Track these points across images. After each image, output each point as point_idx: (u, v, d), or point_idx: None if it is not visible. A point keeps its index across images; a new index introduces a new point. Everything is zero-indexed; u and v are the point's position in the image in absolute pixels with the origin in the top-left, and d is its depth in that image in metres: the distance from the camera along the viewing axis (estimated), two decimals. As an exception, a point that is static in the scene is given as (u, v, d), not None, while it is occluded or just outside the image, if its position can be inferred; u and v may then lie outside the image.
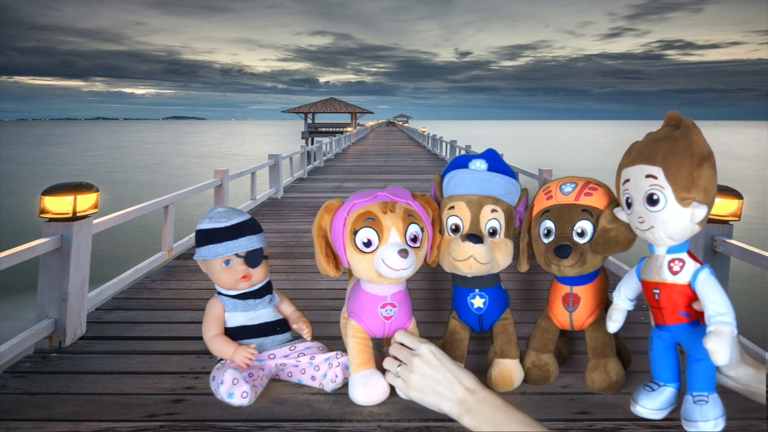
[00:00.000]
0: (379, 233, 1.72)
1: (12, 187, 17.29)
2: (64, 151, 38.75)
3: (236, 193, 9.27)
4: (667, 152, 1.44)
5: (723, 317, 1.39)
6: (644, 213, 1.49)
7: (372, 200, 1.78)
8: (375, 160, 14.31)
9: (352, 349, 1.86)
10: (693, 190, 1.41)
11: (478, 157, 1.93)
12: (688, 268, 1.50)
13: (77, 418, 1.74)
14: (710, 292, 1.44)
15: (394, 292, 1.85)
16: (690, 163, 1.41)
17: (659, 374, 1.64)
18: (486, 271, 1.84)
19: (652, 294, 1.57)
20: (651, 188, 1.46)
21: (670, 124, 1.51)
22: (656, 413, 1.61)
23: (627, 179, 1.55)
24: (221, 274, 1.95)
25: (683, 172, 1.42)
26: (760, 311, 5.81)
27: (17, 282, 5.38)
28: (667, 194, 1.44)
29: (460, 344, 1.95)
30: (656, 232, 1.50)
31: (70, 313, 2.40)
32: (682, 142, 1.43)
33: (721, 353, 1.33)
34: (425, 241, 1.81)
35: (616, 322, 1.73)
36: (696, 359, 1.49)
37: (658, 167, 1.44)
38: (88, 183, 2.56)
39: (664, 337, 1.60)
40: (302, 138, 40.31)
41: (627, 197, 1.55)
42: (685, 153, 1.42)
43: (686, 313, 1.52)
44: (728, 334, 1.36)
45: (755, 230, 10.24)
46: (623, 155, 1.59)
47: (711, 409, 1.45)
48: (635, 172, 1.51)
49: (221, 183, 5.15)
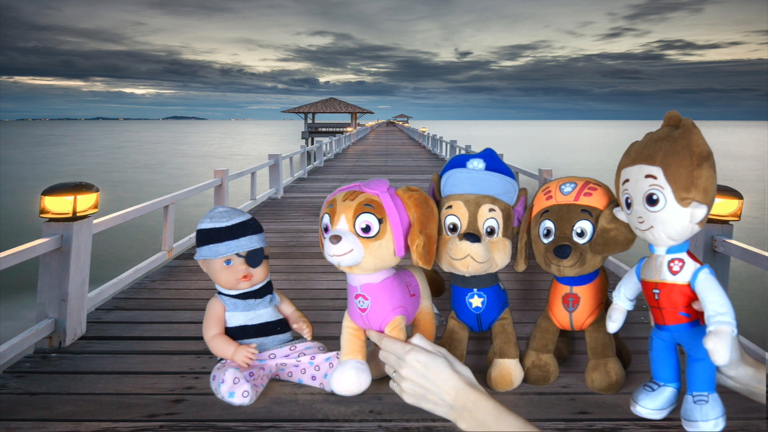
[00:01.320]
0: (332, 220, 1.70)
1: (12, 187, 17.29)
2: (64, 151, 38.77)
3: (236, 193, 9.27)
4: (667, 152, 1.43)
5: (723, 317, 1.39)
6: (644, 213, 1.49)
7: (345, 189, 1.76)
8: (375, 160, 14.32)
9: (341, 339, 1.86)
10: (693, 190, 1.41)
11: (475, 157, 1.93)
12: (688, 267, 1.50)
13: (77, 418, 1.74)
14: (710, 292, 1.44)
15: (365, 283, 1.78)
16: (690, 162, 1.41)
17: (659, 374, 1.64)
18: (483, 270, 1.84)
19: (651, 294, 1.57)
20: (651, 188, 1.45)
21: (669, 124, 1.50)
22: (656, 413, 1.60)
23: (626, 179, 1.54)
24: (222, 274, 1.95)
25: (683, 171, 1.41)
26: (760, 311, 5.81)
27: (17, 282, 5.38)
28: (667, 194, 1.43)
29: (459, 344, 1.95)
30: (656, 232, 1.49)
31: (70, 313, 2.40)
32: (682, 141, 1.43)
33: (721, 353, 1.33)
34: (384, 233, 1.71)
35: (616, 322, 1.73)
36: (696, 359, 1.49)
37: (658, 167, 1.44)
38: (88, 183, 2.56)
39: (664, 337, 1.60)
40: (302, 138, 40.31)
41: (626, 197, 1.54)
42: (685, 153, 1.42)
43: (686, 313, 1.52)
44: (728, 334, 1.35)
45: (755, 230, 10.24)
46: (623, 155, 1.58)
47: (711, 409, 1.45)
48: (635, 172, 1.50)
49: (221, 183, 5.15)
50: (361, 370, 1.78)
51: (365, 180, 1.80)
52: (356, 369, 1.78)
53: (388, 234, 1.72)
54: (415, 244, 1.75)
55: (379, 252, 1.71)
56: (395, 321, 1.78)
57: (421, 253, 1.76)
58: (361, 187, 1.76)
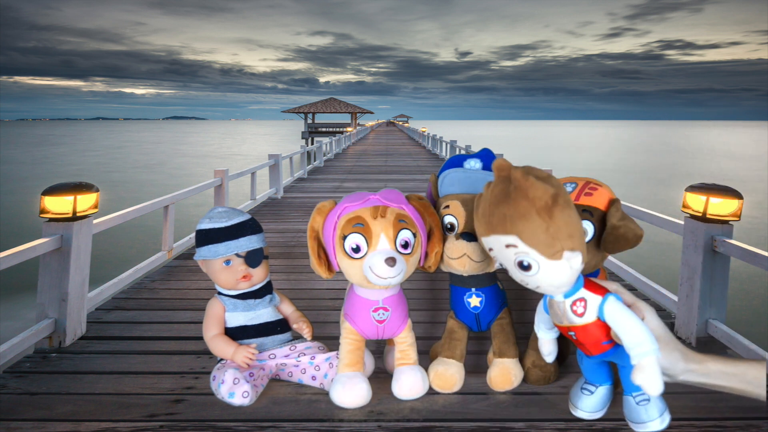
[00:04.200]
0: (368, 239, 1.69)
1: (12, 187, 17.29)
2: (64, 151, 38.76)
3: (236, 193, 9.28)
4: (512, 217, 1.36)
5: (641, 347, 1.36)
6: (523, 277, 1.43)
7: (363, 204, 1.75)
8: (375, 160, 14.31)
9: (342, 349, 1.87)
10: (557, 243, 1.35)
11: (472, 157, 1.94)
12: (591, 305, 1.46)
13: (77, 418, 1.74)
14: (621, 324, 1.41)
15: (387, 296, 1.84)
16: (539, 219, 1.34)
17: (593, 378, 1.67)
18: (481, 269, 1.85)
19: (569, 335, 1.55)
20: (516, 256, 1.40)
21: (501, 176, 1.41)
22: (597, 414, 1.65)
23: (490, 248, 1.48)
24: (221, 274, 1.95)
25: (538, 231, 1.34)
26: (760, 311, 5.81)
27: (17, 282, 5.38)
28: (535, 257, 1.37)
29: (458, 344, 1.95)
30: (545, 288, 1.45)
31: (70, 313, 2.40)
32: (521, 201, 1.35)
33: (653, 386, 1.34)
34: (418, 247, 1.77)
35: (552, 353, 1.72)
36: (630, 365, 1.50)
37: (513, 235, 1.37)
38: (88, 183, 2.56)
39: (593, 359, 1.61)
40: (302, 138, 40.29)
41: (499, 264, 1.50)
42: (530, 212, 1.34)
43: (608, 341, 1.50)
44: (653, 364, 1.35)
45: (755, 230, 10.24)
46: (474, 214, 1.51)
47: (654, 407, 1.48)
48: (493, 242, 1.44)
49: (221, 183, 5.15)
50: (364, 382, 1.81)
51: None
52: (359, 382, 1.79)
53: (418, 247, 1.77)
54: (434, 252, 1.81)
55: (411, 266, 1.78)
56: (409, 326, 1.90)
57: (438, 260, 1.83)
58: (383, 201, 1.76)
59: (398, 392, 1.84)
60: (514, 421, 1.73)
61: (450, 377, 1.88)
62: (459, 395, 1.89)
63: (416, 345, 1.94)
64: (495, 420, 1.74)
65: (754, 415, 1.72)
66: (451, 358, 1.93)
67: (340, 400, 1.78)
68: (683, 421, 1.70)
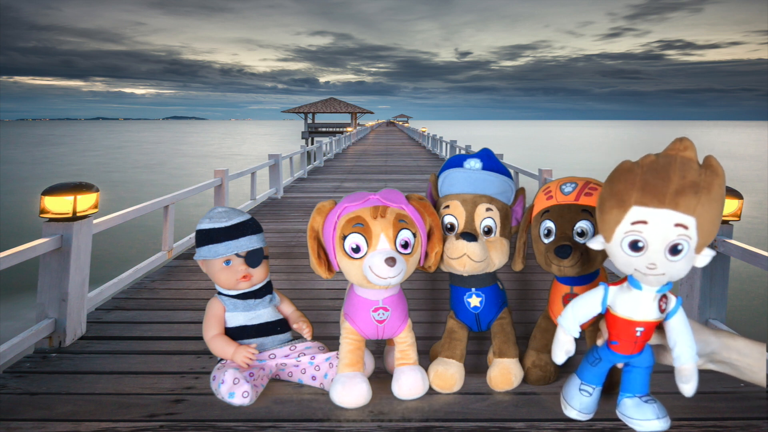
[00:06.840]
0: (368, 239, 1.70)
1: (12, 187, 17.28)
2: (64, 151, 38.76)
3: (236, 193, 9.27)
4: (705, 202, 1.27)
5: (692, 350, 1.41)
6: (661, 261, 1.31)
7: (363, 204, 1.75)
8: (375, 160, 14.31)
9: (342, 349, 1.87)
10: (713, 237, 1.33)
11: (472, 157, 1.94)
12: (671, 302, 1.45)
13: (77, 418, 1.74)
14: (687, 325, 1.43)
15: (387, 296, 1.84)
16: (720, 213, 1.31)
17: (591, 378, 1.64)
18: (481, 269, 1.85)
19: (632, 331, 1.46)
20: (678, 238, 1.28)
21: (685, 156, 1.30)
22: (590, 415, 1.65)
23: (641, 220, 1.30)
24: (221, 274, 1.95)
25: (715, 221, 1.30)
26: (760, 311, 5.81)
27: (17, 282, 5.38)
28: (692, 244, 1.30)
29: (458, 344, 1.95)
30: (669, 277, 1.35)
31: (70, 313, 2.40)
32: (717, 189, 1.28)
33: (694, 387, 1.41)
34: (418, 246, 1.78)
35: (570, 353, 1.62)
36: (644, 367, 1.52)
37: (692, 217, 1.27)
38: (88, 183, 2.56)
39: (613, 359, 1.57)
40: (302, 138, 40.28)
41: (635, 240, 1.31)
42: (719, 203, 1.29)
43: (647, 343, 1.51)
44: (695, 368, 1.42)
45: (755, 230, 10.24)
46: (621, 183, 1.34)
47: (660, 408, 1.50)
48: (659, 217, 1.29)
49: (221, 183, 5.15)
50: (364, 382, 1.81)
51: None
52: (359, 382, 1.80)
53: (419, 247, 1.77)
54: (434, 252, 1.81)
55: (411, 266, 1.78)
56: (408, 326, 1.89)
57: (438, 260, 1.83)
58: (382, 201, 1.77)
59: (398, 392, 1.84)
60: (514, 421, 1.73)
61: (450, 377, 1.88)
62: (459, 395, 1.89)
63: (416, 345, 1.94)
64: (495, 420, 1.74)
65: (754, 415, 1.72)
66: (451, 358, 1.93)
67: (340, 400, 1.78)
68: (683, 421, 1.70)
